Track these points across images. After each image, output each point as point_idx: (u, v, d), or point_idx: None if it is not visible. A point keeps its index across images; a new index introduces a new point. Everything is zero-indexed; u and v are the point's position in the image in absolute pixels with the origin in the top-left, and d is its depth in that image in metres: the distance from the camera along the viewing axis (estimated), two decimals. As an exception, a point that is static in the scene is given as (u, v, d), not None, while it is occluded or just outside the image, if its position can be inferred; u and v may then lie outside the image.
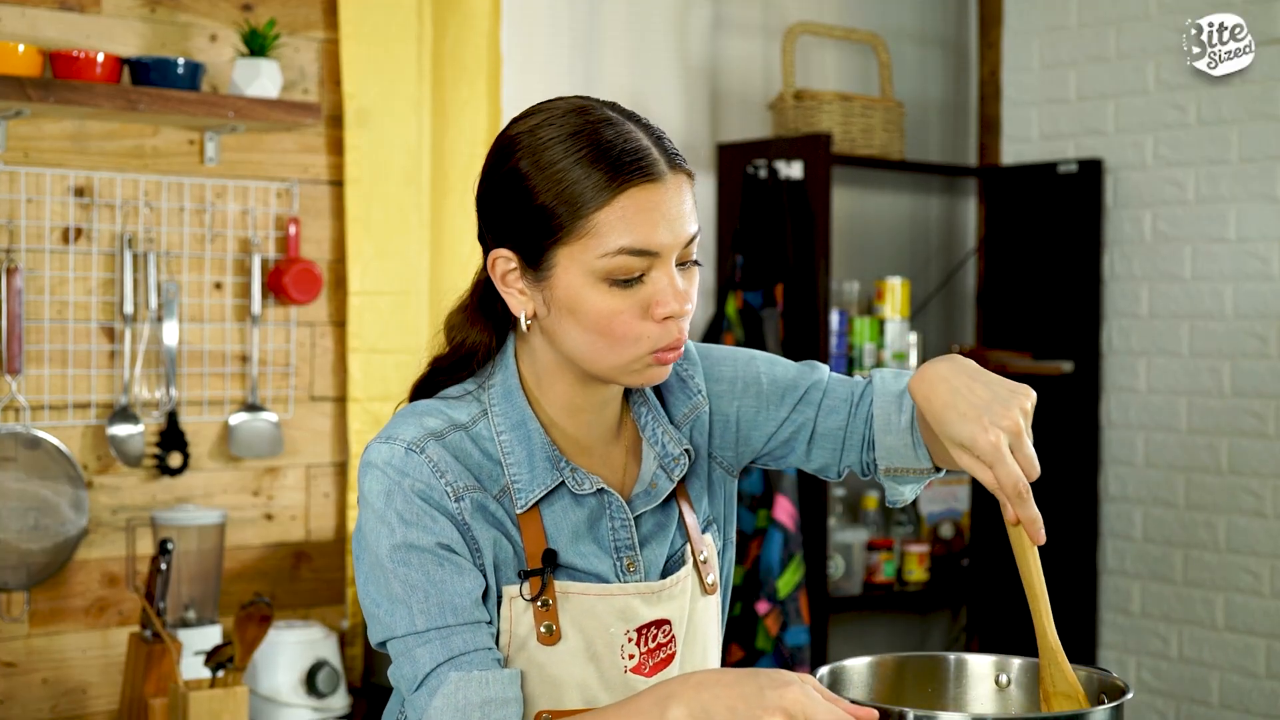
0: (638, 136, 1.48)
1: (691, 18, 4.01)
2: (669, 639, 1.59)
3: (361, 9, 3.32)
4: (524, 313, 1.52)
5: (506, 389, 1.56)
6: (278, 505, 3.32)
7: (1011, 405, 1.43)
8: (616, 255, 1.45)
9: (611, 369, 1.51)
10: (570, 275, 1.46)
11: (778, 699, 1.30)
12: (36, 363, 3.02)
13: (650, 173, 1.46)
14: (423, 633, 1.46)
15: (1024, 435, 1.42)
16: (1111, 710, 1.40)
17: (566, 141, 1.46)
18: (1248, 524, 3.89)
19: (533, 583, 1.51)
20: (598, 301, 1.46)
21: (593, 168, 1.45)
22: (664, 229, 1.46)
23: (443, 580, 1.47)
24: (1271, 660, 3.85)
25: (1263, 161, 3.86)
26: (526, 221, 1.47)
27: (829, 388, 1.68)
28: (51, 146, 3.04)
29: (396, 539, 1.47)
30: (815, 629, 3.76)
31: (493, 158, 1.52)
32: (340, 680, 3.12)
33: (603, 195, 1.44)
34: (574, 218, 1.44)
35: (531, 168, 1.47)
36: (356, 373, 3.36)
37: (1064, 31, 4.29)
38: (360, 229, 3.35)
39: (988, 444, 1.41)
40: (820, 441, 1.68)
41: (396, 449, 1.50)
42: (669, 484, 1.60)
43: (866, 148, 4.03)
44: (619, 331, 1.47)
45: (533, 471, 1.53)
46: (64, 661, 3.06)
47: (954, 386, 1.46)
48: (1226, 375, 3.94)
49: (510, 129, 1.52)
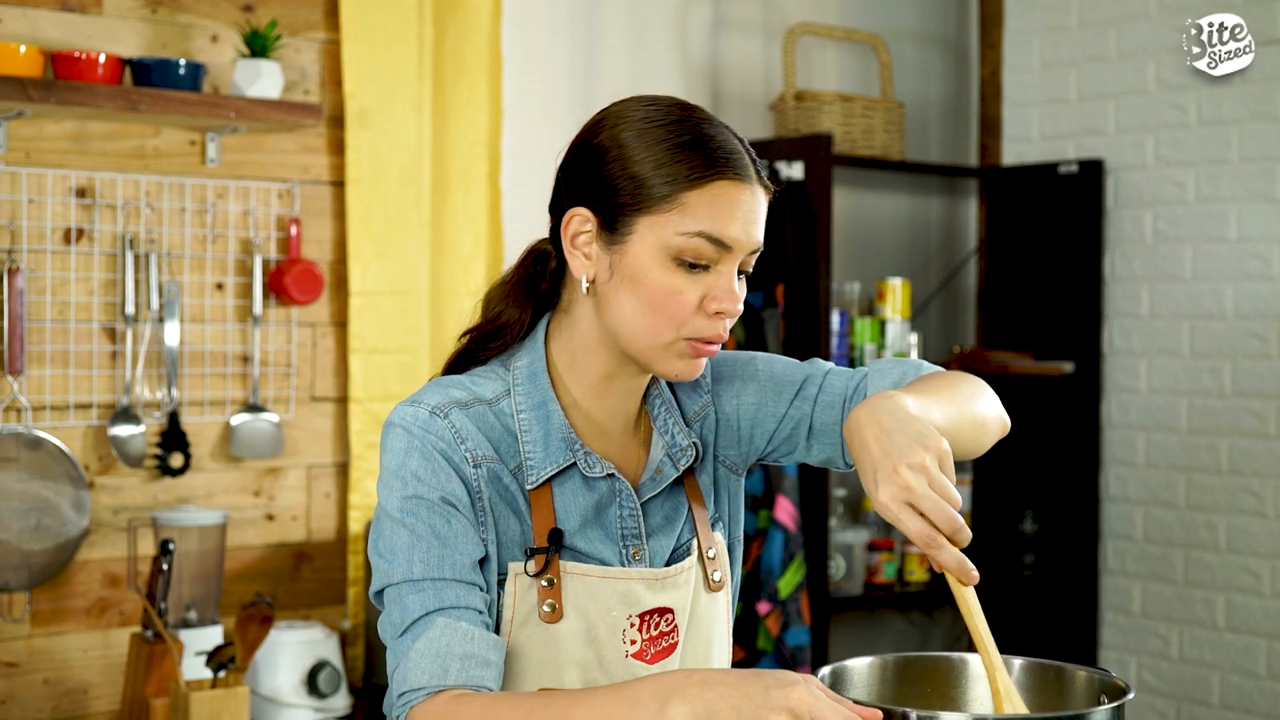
0: (735, 142, 1.55)
1: (691, 18, 4.01)
2: (671, 628, 1.60)
3: (362, 10, 3.33)
4: (586, 275, 1.56)
5: (532, 371, 1.59)
6: (279, 506, 3.32)
7: (903, 460, 1.43)
8: (695, 237, 1.50)
9: (648, 348, 1.55)
10: (645, 244, 1.51)
11: (783, 699, 1.30)
12: (38, 363, 3.02)
13: (742, 173, 1.53)
14: (418, 580, 1.48)
15: (918, 489, 1.42)
16: (1112, 710, 1.40)
17: (670, 126, 1.53)
18: (1248, 524, 3.89)
19: (537, 560, 1.54)
20: (662, 277, 1.51)
21: (692, 152, 1.51)
22: (742, 227, 1.52)
23: (447, 535, 1.50)
24: (1272, 660, 3.85)
25: (1263, 161, 3.86)
26: (618, 185, 1.53)
27: (826, 383, 1.71)
28: (53, 147, 3.04)
29: (408, 491, 1.51)
30: (816, 629, 3.76)
31: (589, 127, 1.59)
32: (341, 680, 3.12)
33: (697, 177, 1.50)
34: (666, 190, 1.50)
35: (633, 139, 1.53)
36: (357, 373, 3.36)
37: (1064, 31, 4.29)
38: (361, 229, 3.35)
39: (879, 505, 1.45)
40: (819, 435, 1.71)
41: (421, 410, 1.54)
42: (674, 471, 1.63)
43: (867, 148, 4.03)
44: (670, 310, 1.52)
45: (547, 450, 1.56)
46: (65, 662, 3.06)
47: (862, 439, 1.47)
48: (1227, 375, 3.94)
49: (612, 106, 1.59)
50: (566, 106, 3.72)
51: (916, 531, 1.43)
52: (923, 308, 4.36)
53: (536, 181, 3.66)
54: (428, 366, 3.46)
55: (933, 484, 1.43)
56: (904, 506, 1.43)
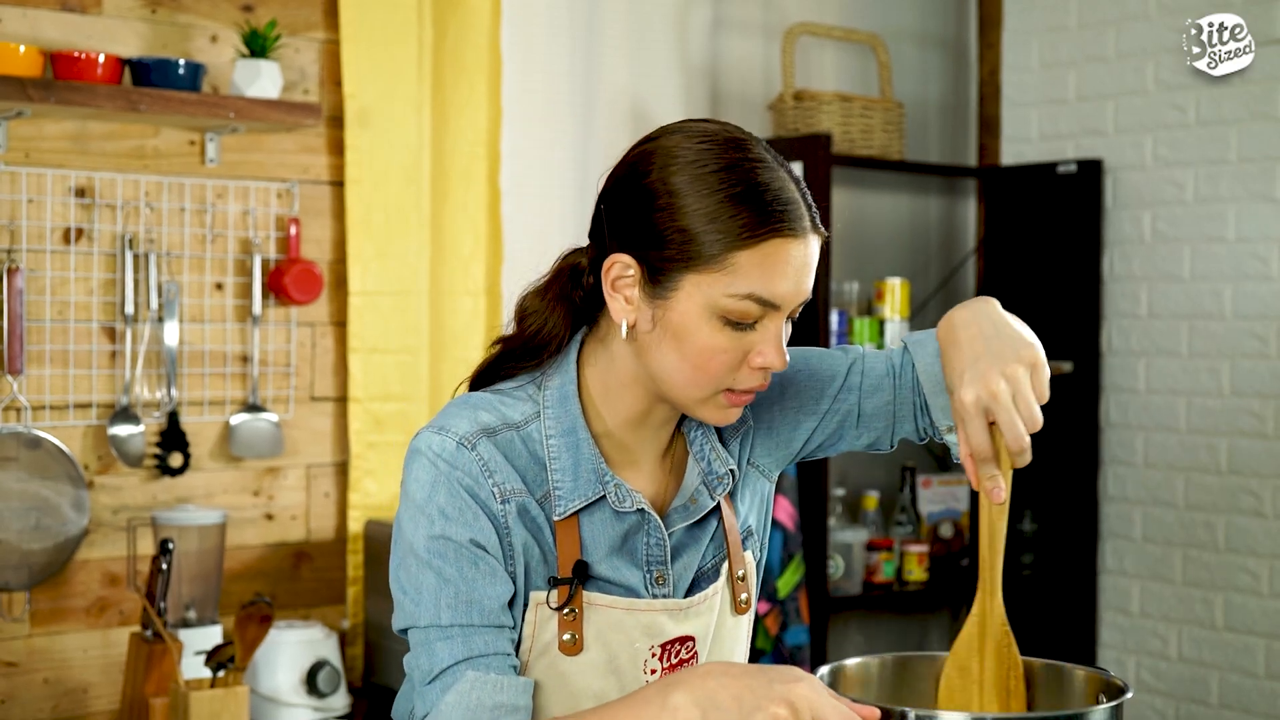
0: (790, 188, 1.48)
1: (691, 18, 4.01)
2: (691, 655, 1.58)
3: (362, 9, 3.33)
4: (626, 321, 1.50)
5: (563, 394, 1.54)
6: (278, 505, 3.32)
7: (997, 365, 1.44)
8: (743, 300, 1.45)
9: (687, 399, 1.51)
10: (691, 302, 1.46)
11: (785, 692, 1.31)
12: (38, 363, 3.02)
13: (795, 228, 1.47)
14: (446, 627, 1.45)
15: (1002, 398, 1.43)
16: (1111, 710, 1.40)
17: (722, 173, 1.45)
18: (1247, 524, 3.89)
19: (560, 591, 1.50)
20: (707, 336, 1.46)
21: (744, 206, 1.44)
22: (792, 285, 1.47)
23: (474, 579, 1.46)
24: (1271, 660, 3.85)
25: (1262, 162, 3.86)
26: (664, 237, 1.46)
27: (866, 367, 1.68)
28: (52, 147, 3.04)
29: (435, 530, 1.47)
30: (815, 629, 3.77)
31: (638, 161, 1.50)
32: (341, 680, 3.12)
33: (749, 235, 1.44)
34: (715, 250, 1.44)
35: (684, 186, 1.45)
36: (357, 373, 3.36)
37: (1064, 32, 4.29)
38: (360, 229, 3.35)
39: (959, 402, 1.46)
40: (869, 421, 1.68)
41: (448, 441, 1.49)
42: (710, 501, 1.59)
43: (866, 148, 4.03)
44: (713, 369, 1.48)
45: (576, 481, 1.52)
46: (65, 661, 3.06)
47: (958, 338, 1.49)
48: (1226, 375, 3.94)
49: (663, 139, 1.50)
50: (566, 106, 3.72)
51: (976, 444, 1.45)
52: (922, 307, 4.36)
53: (536, 181, 3.66)
54: (427, 366, 3.46)
55: (1017, 396, 1.44)
56: (980, 413, 1.44)
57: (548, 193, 3.68)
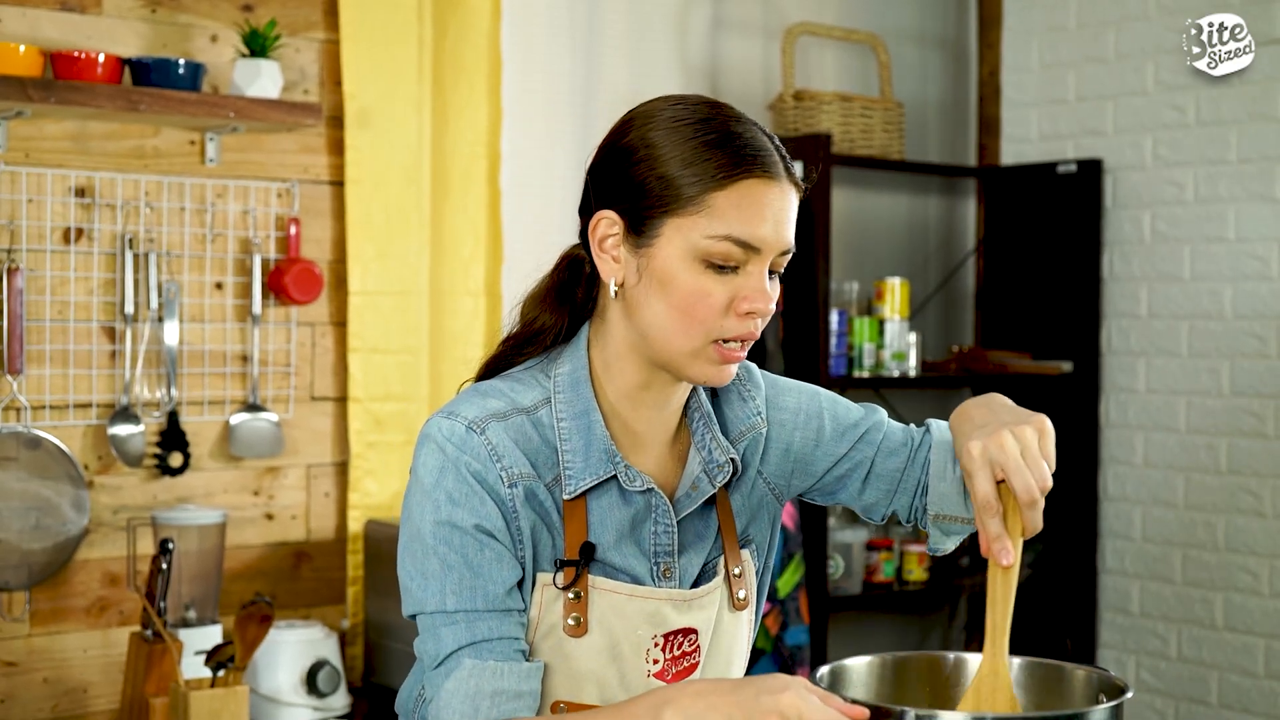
0: (763, 138, 1.53)
1: (691, 18, 4.01)
2: (694, 648, 1.60)
3: (362, 9, 3.33)
4: (614, 279, 1.54)
5: (575, 378, 1.57)
6: (278, 505, 3.32)
7: (1004, 427, 1.47)
8: (722, 240, 1.48)
9: (678, 353, 1.52)
10: (672, 247, 1.49)
11: (773, 704, 1.32)
12: (38, 363, 3.02)
13: (771, 171, 1.50)
14: (451, 613, 1.47)
15: (1010, 451, 1.45)
16: (1111, 710, 1.40)
17: (697, 124, 1.50)
18: (1247, 524, 3.90)
19: (567, 572, 1.52)
20: (690, 280, 1.49)
21: (719, 150, 1.48)
22: (771, 227, 1.49)
23: (480, 564, 1.48)
24: (1270, 660, 3.85)
25: (1262, 162, 3.86)
26: (643, 187, 1.50)
27: (888, 430, 1.71)
28: (52, 147, 3.04)
29: (441, 515, 1.48)
30: (815, 629, 3.77)
31: (618, 128, 1.57)
32: (341, 680, 3.12)
33: (724, 176, 1.48)
34: (692, 191, 1.48)
35: (660, 138, 1.51)
36: (357, 373, 3.36)
37: (1063, 32, 4.29)
38: (360, 229, 3.35)
39: (966, 454, 1.48)
40: (875, 481, 1.70)
41: (457, 426, 1.51)
42: (710, 488, 1.61)
43: (866, 148, 4.03)
44: (700, 313, 1.50)
45: (587, 461, 1.54)
46: (65, 661, 3.07)
47: (970, 415, 1.53)
48: (1225, 375, 3.94)
49: (641, 106, 1.57)
50: (566, 106, 3.72)
51: (981, 495, 1.46)
52: (921, 307, 4.36)
53: (536, 181, 3.66)
54: (427, 366, 3.46)
55: (1026, 453, 1.46)
56: (986, 464, 1.46)
57: (548, 193, 3.68)
